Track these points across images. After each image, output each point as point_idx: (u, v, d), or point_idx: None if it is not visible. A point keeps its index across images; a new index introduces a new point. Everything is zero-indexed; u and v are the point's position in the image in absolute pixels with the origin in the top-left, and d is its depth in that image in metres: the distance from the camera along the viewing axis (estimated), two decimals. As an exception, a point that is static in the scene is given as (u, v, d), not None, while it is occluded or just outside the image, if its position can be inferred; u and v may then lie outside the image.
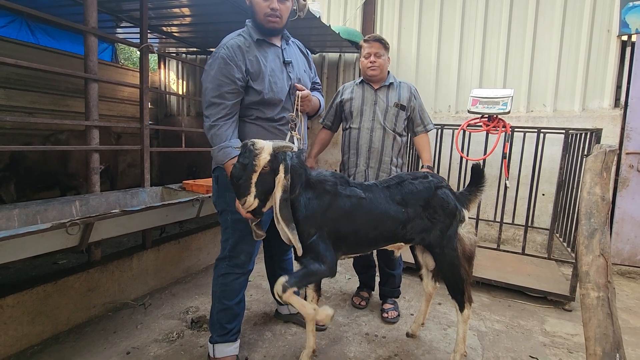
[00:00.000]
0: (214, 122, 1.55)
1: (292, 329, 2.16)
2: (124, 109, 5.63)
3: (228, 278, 1.73)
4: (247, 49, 1.59)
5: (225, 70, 1.53)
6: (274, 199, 1.42)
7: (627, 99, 3.28)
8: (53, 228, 1.42)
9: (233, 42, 1.58)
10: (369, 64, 2.19)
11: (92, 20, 2.04)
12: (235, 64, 1.54)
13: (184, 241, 2.79)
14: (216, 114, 1.54)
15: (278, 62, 1.68)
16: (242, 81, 1.56)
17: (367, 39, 2.22)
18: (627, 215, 3.31)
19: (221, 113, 1.54)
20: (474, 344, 2.08)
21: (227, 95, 1.55)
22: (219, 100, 1.54)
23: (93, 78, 2.06)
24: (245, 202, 1.35)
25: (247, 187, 1.34)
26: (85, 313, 2.09)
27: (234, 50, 1.56)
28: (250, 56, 1.59)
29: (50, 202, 1.91)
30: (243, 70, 1.56)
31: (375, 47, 2.18)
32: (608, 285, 1.39)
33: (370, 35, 2.23)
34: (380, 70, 2.21)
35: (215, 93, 1.54)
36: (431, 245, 1.73)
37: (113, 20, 4.14)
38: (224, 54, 1.54)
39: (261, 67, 1.60)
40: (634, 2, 3.20)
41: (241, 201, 1.36)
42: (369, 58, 2.19)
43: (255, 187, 1.35)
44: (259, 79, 1.59)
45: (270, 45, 1.69)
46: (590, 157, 1.62)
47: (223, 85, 1.53)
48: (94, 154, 2.13)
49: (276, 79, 1.64)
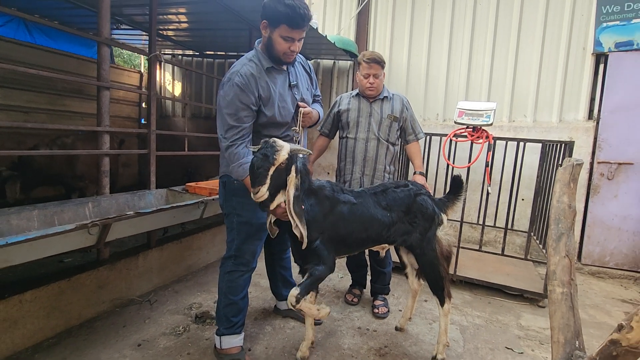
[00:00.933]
0: (232, 142, 1.68)
1: (291, 323, 2.32)
2: (120, 109, 5.69)
3: (234, 275, 1.88)
4: (258, 76, 1.72)
5: (242, 97, 1.66)
6: (287, 195, 1.56)
7: (600, 112, 3.56)
8: (78, 228, 1.56)
9: (246, 69, 1.70)
10: (368, 84, 2.34)
11: (106, 31, 2.16)
12: (251, 91, 1.68)
13: (185, 241, 2.92)
14: (234, 136, 1.68)
15: (286, 86, 1.83)
16: (255, 106, 1.71)
17: (367, 60, 2.31)
18: (598, 220, 3.59)
19: (239, 134, 1.68)
20: (456, 337, 2.28)
21: (245, 119, 1.69)
22: (237, 124, 1.67)
23: (106, 86, 2.18)
24: (259, 191, 1.44)
25: (264, 176, 1.45)
26: (95, 308, 2.21)
27: (248, 79, 1.68)
28: (262, 82, 1.73)
29: (66, 204, 2.02)
30: (256, 96, 1.70)
31: (375, 68, 2.31)
32: (571, 283, 1.61)
33: (370, 57, 2.31)
34: (377, 90, 2.38)
35: (233, 118, 1.67)
36: (412, 247, 1.93)
37: (113, 23, 4.21)
38: (239, 82, 1.66)
39: (271, 92, 1.75)
40: (607, 23, 3.48)
41: (255, 189, 1.45)
42: (368, 79, 2.33)
43: (270, 179, 1.47)
44: (269, 104, 1.75)
45: (279, 72, 1.82)
46: (560, 169, 1.84)
47: (240, 110, 1.67)
48: (105, 157, 2.25)
49: (284, 104, 1.80)
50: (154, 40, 2.53)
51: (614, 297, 3.09)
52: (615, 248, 3.53)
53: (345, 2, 4.67)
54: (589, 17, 3.57)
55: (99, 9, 2.15)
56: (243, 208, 1.82)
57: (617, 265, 3.53)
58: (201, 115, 5.88)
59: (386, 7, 4.42)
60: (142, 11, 3.55)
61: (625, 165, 3.46)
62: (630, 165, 3.44)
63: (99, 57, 2.18)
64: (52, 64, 4.52)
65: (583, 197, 3.65)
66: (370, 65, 2.31)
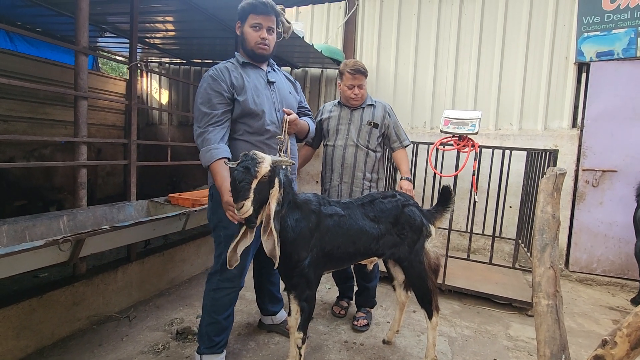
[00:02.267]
0: (204, 128, 1.66)
1: (275, 339, 2.25)
2: (104, 117, 5.59)
3: (219, 293, 1.82)
4: (233, 69, 1.77)
5: (214, 85, 1.69)
6: (268, 210, 1.47)
7: (583, 120, 3.60)
8: (47, 245, 1.48)
9: (221, 65, 1.78)
10: (353, 95, 2.31)
11: (84, 40, 2.11)
12: (222, 80, 1.71)
13: (168, 253, 2.84)
14: (206, 122, 1.66)
15: (262, 81, 1.83)
16: (228, 93, 1.71)
17: (351, 70, 2.28)
18: (584, 227, 3.61)
19: (211, 120, 1.66)
20: (444, 349, 2.24)
21: (217, 105, 1.68)
22: (209, 110, 1.67)
23: (83, 95, 2.12)
24: (243, 206, 1.35)
25: (247, 190, 1.36)
26: (70, 327, 2.11)
27: (221, 70, 1.74)
28: (236, 74, 1.76)
29: (39, 218, 1.94)
30: (229, 84, 1.71)
31: (359, 79, 2.28)
32: (556, 294, 1.58)
33: (354, 67, 2.29)
34: (361, 100, 2.36)
35: (205, 105, 1.68)
36: (400, 259, 1.89)
37: (97, 31, 4.15)
38: (212, 74, 1.72)
39: (244, 82, 1.76)
40: (588, 33, 3.54)
41: (238, 205, 1.36)
42: (353, 90, 2.30)
43: (253, 193, 1.38)
44: (243, 92, 1.74)
45: (255, 68, 1.84)
46: (543, 180, 1.83)
47: (212, 97, 1.68)
48: (82, 169, 2.17)
49: (259, 93, 1.78)
50: (135, 49, 2.48)
51: (602, 305, 3.09)
52: (602, 255, 3.55)
53: (332, 11, 4.69)
54: (570, 28, 3.63)
55: (76, 17, 2.10)
56: (230, 221, 1.76)
57: (604, 272, 3.54)
58: (188, 123, 5.80)
59: (373, 16, 4.45)
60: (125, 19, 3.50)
61: (609, 172, 3.49)
62: (614, 172, 3.48)
63: (77, 66, 2.12)
64: (34, 72, 4.41)
65: (569, 204, 3.67)
66: (355, 76, 2.28)
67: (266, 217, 1.49)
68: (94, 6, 2.98)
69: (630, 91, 3.41)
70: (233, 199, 1.40)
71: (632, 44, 3.38)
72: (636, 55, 3.37)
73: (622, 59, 3.43)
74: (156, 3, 2.87)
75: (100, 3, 3.06)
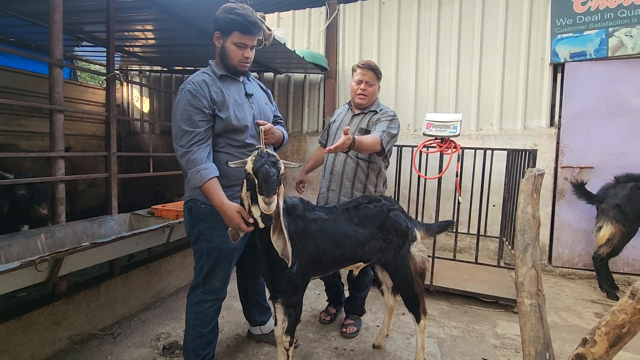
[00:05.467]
0: (187, 148, 1.59)
1: (265, 349, 2.23)
2: (84, 127, 5.46)
3: (202, 306, 1.79)
4: (211, 83, 1.70)
5: (194, 102, 1.62)
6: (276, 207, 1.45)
7: (560, 119, 3.71)
8: (23, 266, 1.43)
9: (198, 78, 1.70)
10: (360, 91, 2.23)
11: (58, 52, 2.06)
12: (202, 95, 1.64)
13: (152, 266, 2.78)
14: (189, 142, 1.60)
15: (241, 94, 1.80)
16: (209, 109, 1.65)
17: (361, 65, 2.22)
18: (565, 223, 3.71)
19: (194, 140, 1.60)
20: (433, 351, 2.26)
21: (199, 123, 1.62)
22: (191, 129, 1.60)
23: (59, 109, 2.06)
24: (274, 201, 1.35)
25: (278, 185, 1.37)
26: (51, 347, 2.05)
27: (200, 84, 1.66)
28: (215, 88, 1.70)
29: (14, 237, 1.87)
30: (209, 99, 1.65)
31: (368, 75, 2.21)
32: (539, 293, 1.62)
33: (365, 62, 2.22)
34: (369, 99, 2.27)
35: (187, 123, 1.61)
36: (387, 264, 1.90)
37: (72, 40, 4.05)
38: (191, 88, 1.64)
39: (225, 97, 1.71)
40: (562, 35, 3.65)
41: (270, 199, 1.34)
42: (360, 85, 2.23)
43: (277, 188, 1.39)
44: (224, 108, 1.69)
45: (233, 80, 1.81)
46: (523, 181, 1.87)
47: (193, 114, 1.61)
48: (60, 184, 2.11)
49: (240, 108, 1.75)
50: (113, 59, 2.43)
51: (584, 298, 3.17)
52: (583, 249, 3.65)
53: (313, 16, 4.71)
54: (545, 30, 3.74)
55: (50, 29, 2.05)
56: (212, 234, 1.74)
57: (585, 266, 3.64)
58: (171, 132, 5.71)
59: (354, 21, 4.49)
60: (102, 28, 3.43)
61: (586, 169, 3.60)
62: (592, 168, 3.58)
63: (51, 78, 2.07)
64: (9, 84, 4.28)
65: (550, 201, 3.77)
66: (364, 71, 2.22)
67: (275, 216, 1.48)
68: (69, 15, 2.93)
69: (603, 90, 3.53)
70: (265, 193, 1.35)
71: (603, 45, 3.50)
72: (607, 56, 3.49)
73: (594, 59, 3.55)
74: (133, 12, 2.82)
75: (75, 12, 2.99)
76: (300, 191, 2.61)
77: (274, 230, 1.51)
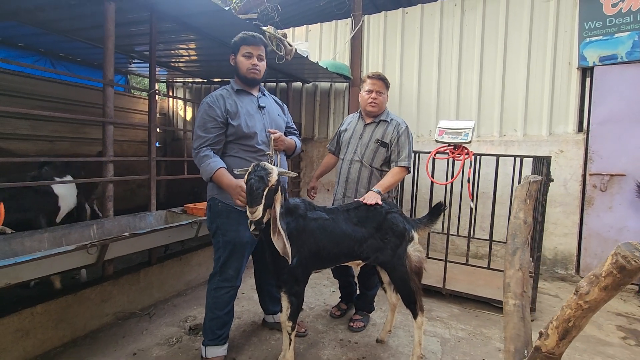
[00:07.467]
0: (199, 149, 1.94)
1: (276, 335, 2.47)
2: (136, 134, 6.12)
3: (219, 292, 2.07)
4: (227, 96, 2.02)
5: (210, 111, 1.95)
6: (274, 212, 1.71)
7: (589, 124, 3.59)
8: (78, 249, 1.80)
9: (217, 92, 2.04)
10: (370, 99, 2.39)
11: (110, 74, 2.47)
12: (218, 106, 1.96)
13: (185, 258, 3.15)
14: (202, 144, 1.94)
15: (254, 106, 2.08)
16: (222, 118, 1.96)
17: (371, 75, 2.40)
18: (594, 232, 3.57)
19: (205, 143, 1.94)
20: (435, 349, 2.36)
21: (211, 129, 1.94)
22: (204, 134, 1.94)
23: (110, 121, 2.47)
24: (256, 210, 1.58)
25: (261, 197, 1.60)
26: (99, 320, 2.44)
27: (217, 97, 2.00)
28: (230, 101, 2.01)
29: (73, 227, 2.30)
30: (223, 110, 1.96)
31: (378, 85, 2.38)
32: (524, 295, 1.69)
33: (374, 73, 2.40)
34: (379, 107, 2.42)
35: (202, 129, 1.95)
36: (384, 263, 2.05)
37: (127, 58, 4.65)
38: (209, 101, 1.98)
39: (238, 108, 2.00)
40: (590, 38, 3.55)
41: (253, 209, 1.58)
42: (371, 94, 2.38)
43: (264, 199, 1.62)
44: (236, 117, 1.98)
45: (248, 94, 2.10)
46: (518, 187, 1.94)
47: (207, 122, 1.94)
48: (109, 184, 2.52)
49: (251, 117, 2.03)
50: (154, 78, 2.83)
51: (609, 311, 3.05)
52: (614, 260, 3.48)
53: (340, 28, 4.94)
54: (572, 33, 3.65)
55: (104, 55, 2.47)
56: (227, 228, 2.02)
57: (616, 278, 3.47)
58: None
59: (378, 31, 4.65)
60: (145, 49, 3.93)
61: (617, 176, 3.45)
62: (623, 176, 3.43)
63: (104, 96, 2.48)
64: (74, 97, 4.98)
65: (578, 209, 3.64)
66: (374, 81, 2.39)
67: (273, 219, 1.72)
68: (121, 39, 3.42)
69: (636, 94, 3.37)
70: (248, 204, 1.63)
71: (636, 47, 3.36)
72: (640, 58, 3.34)
73: (626, 63, 3.41)
74: (171, 35, 3.24)
75: (127, 36, 3.48)
76: (312, 197, 2.75)
77: (273, 232, 1.73)
